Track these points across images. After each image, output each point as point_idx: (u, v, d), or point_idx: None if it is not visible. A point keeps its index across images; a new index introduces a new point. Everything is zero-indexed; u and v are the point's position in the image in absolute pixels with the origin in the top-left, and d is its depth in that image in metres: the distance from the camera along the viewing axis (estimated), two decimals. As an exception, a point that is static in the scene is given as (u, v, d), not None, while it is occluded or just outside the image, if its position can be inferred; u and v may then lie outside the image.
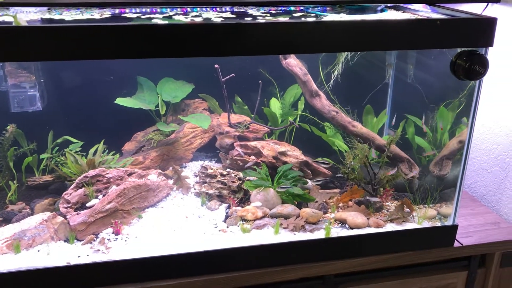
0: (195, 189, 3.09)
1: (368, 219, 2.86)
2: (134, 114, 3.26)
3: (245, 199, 3.01)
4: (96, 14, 2.36)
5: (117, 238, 2.65)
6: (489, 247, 2.70)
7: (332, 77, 3.37)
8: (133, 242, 2.62)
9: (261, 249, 2.47)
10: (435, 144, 3.39)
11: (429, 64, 3.31)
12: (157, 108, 3.26)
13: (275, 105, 3.50)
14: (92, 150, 3.09)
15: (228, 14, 2.35)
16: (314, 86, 3.15)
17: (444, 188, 3.06)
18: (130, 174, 2.97)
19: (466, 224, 3.08)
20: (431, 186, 3.09)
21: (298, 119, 3.49)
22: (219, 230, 2.73)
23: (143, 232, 2.71)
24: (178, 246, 2.43)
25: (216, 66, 3.03)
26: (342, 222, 2.88)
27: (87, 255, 2.33)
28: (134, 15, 2.33)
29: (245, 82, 3.46)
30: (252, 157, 3.21)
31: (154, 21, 2.13)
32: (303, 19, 2.38)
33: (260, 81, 3.25)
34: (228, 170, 3.09)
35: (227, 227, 2.77)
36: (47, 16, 2.33)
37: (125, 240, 2.64)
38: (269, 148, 3.25)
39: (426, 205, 3.05)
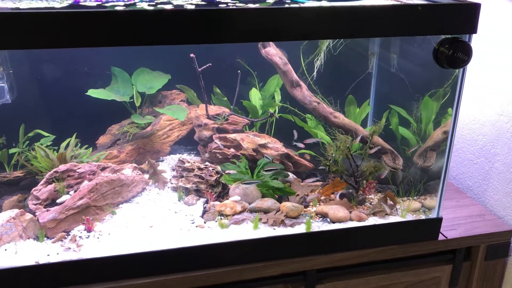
0: (172, 183, 3.03)
1: (350, 212, 2.82)
2: (109, 106, 3.21)
3: (223, 194, 2.96)
4: (55, 3, 2.25)
5: (89, 236, 2.59)
6: (475, 239, 2.70)
7: (314, 67, 3.32)
8: (106, 240, 2.58)
9: (240, 244, 2.43)
10: (419, 135, 3.36)
11: (413, 52, 3.28)
12: (132, 100, 3.18)
13: (255, 96, 3.44)
14: (63, 144, 3.00)
15: (199, 1, 2.27)
16: (294, 76, 3.10)
17: (428, 180, 3.05)
18: (103, 169, 2.90)
19: (451, 217, 3.07)
20: (415, 178, 3.08)
21: (277, 111, 3.42)
22: (197, 226, 2.69)
23: (117, 229, 2.66)
24: (154, 243, 2.39)
25: (191, 55, 2.96)
26: (324, 216, 2.84)
27: (57, 254, 2.28)
28: (94, 3, 2.24)
29: (224, 73, 3.43)
30: (232, 149, 3.15)
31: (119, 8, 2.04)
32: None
33: (239, 71, 3.18)
34: (206, 163, 3.03)
35: (205, 222, 2.73)
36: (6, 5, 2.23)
37: (98, 238, 2.58)
38: (249, 140, 3.20)
39: (410, 198, 3.03)
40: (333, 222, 2.79)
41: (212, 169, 2.98)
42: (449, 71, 2.71)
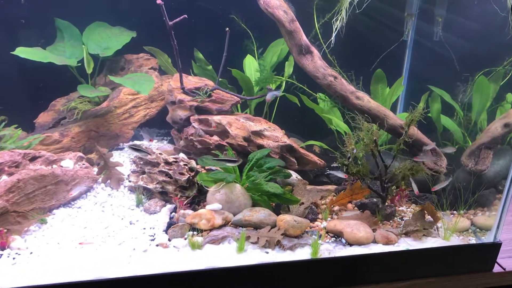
0: (129, 181, 2.31)
1: (374, 231, 2.25)
2: (56, 74, 2.57)
3: (199, 200, 2.30)
4: None
5: (1, 255, 1.86)
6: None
7: (332, 30, 2.64)
8: (25, 261, 1.93)
9: (216, 275, 1.97)
10: (467, 128, 2.79)
11: (467, 14, 2.66)
12: (80, 64, 2.45)
13: (250, 66, 2.72)
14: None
15: None
16: (304, 39, 2.39)
17: (481, 189, 2.48)
18: (33, 159, 2.21)
19: (508, 238, 2.48)
20: (463, 186, 2.49)
21: (283, 87, 2.71)
22: (157, 245, 2.09)
23: (44, 246, 2.03)
24: (93, 268, 1.89)
25: (158, 1, 2.17)
26: (337, 235, 2.26)
27: None
28: None
29: (210, 32, 2.72)
30: (215, 137, 2.40)
31: None
32: None
33: (227, 29, 2.42)
34: (180, 155, 2.30)
35: (170, 240, 2.12)
36: None
37: (13, 258, 1.95)
38: (239, 125, 2.47)
39: (456, 213, 2.47)
40: (350, 245, 2.21)
41: (184, 164, 2.24)
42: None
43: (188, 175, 2.25)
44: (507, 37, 2.53)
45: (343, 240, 2.22)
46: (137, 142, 2.76)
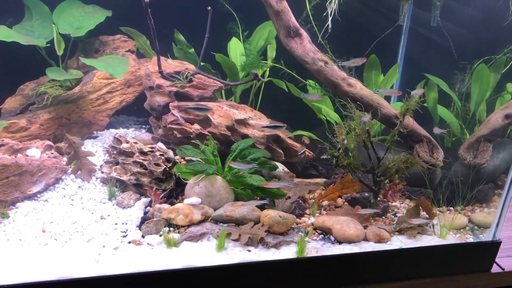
0: (102, 172, 2.17)
1: (365, 227, 2.14)
2: (25, 56, 2.40)
3: (177, 193, 2.21)
4: None
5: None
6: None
7: (324, 13, 2.52)
8: None
9: (193, 275, 1.84)
10: (465, 119, 2.71)
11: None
12: (49, 45, 2.29)
13: (235, 50, 2.59)
14: None
15: None
16: (292, 20, 2.27)
17: (480, 184, 2.39)
18: None
19: (506, 236, 2.36)
20: (461, 181, 2.38)
21: (267, 74, 2.56)
22: (130, 242, 1.96)
23: (4, 244, 1.88)
24: (58, 267, 1.77)
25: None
26: (326, 232, 2.15)
27: None
28: None
29: (193, 12, 2.57)
30: (196, 125, 2.26)
31: None
32: None
33: (209, 8, 2.27)
34: (158, 145, 2.15)
35: (143, 236, 1.99)
36: None
37: None
38: (222, 113, 2.34)
39: (453, 209, 2.37)
40: (340, 243, 2.09)
41: (161, 155, 2.09)
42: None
43: (165, 166, 2.11)
44: (506, 23, 2.43)
45: (332, 238, 2.12)
46: (113, 130, 2.60)
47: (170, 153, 2.18)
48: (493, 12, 2.50)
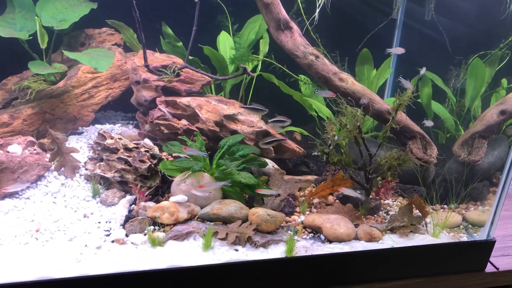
0: (86, 169, 2.12)
1: (356, 226, 2.12)
2: (8, 49, 2.36)
3: (163, 191, 2.17)
4: None
5: None
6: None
7: (316, 5, 2.48)
8: None
9: (179, 275, 1.81)
10: (459, 115, 2.67)
11: None
12: (32, 38, 2.23)
13: (225, 43, 2.55)
14: None
15: None
16: (283, 13, 2.24)
17: (474, 182, 2.36)
18: None
19: (501, 234, 2.38)
20: (455, 178, 2.35)
21: (259, 68, 2.52)
22: (113, 241, 1.92)
23: None
24: (38, 267, 1.73)
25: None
26: (316, 231, 2.11)
27: None
28: None
29: (181, 5, 2.53)
30: (183, 121, 2.21)
31: None
32: None
33: (197, 0, 2.21)
34: (144, 141, 2.10)
35: (127, 235, 1.96)
36: None
37: None
38: (210, 108, 2.29)
39: (447, 207, 2.34)
40: (330, 242, 2.07)
41: (146, 151, 2.04)
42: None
43: (150, 163, 2.06)
44: (502, 17, 2.40)
45: (322, 237, 2.10)
46: (99, 126, 2.55)
47: (156, 150, 2.13)
48: (489, 6, 2.47)
